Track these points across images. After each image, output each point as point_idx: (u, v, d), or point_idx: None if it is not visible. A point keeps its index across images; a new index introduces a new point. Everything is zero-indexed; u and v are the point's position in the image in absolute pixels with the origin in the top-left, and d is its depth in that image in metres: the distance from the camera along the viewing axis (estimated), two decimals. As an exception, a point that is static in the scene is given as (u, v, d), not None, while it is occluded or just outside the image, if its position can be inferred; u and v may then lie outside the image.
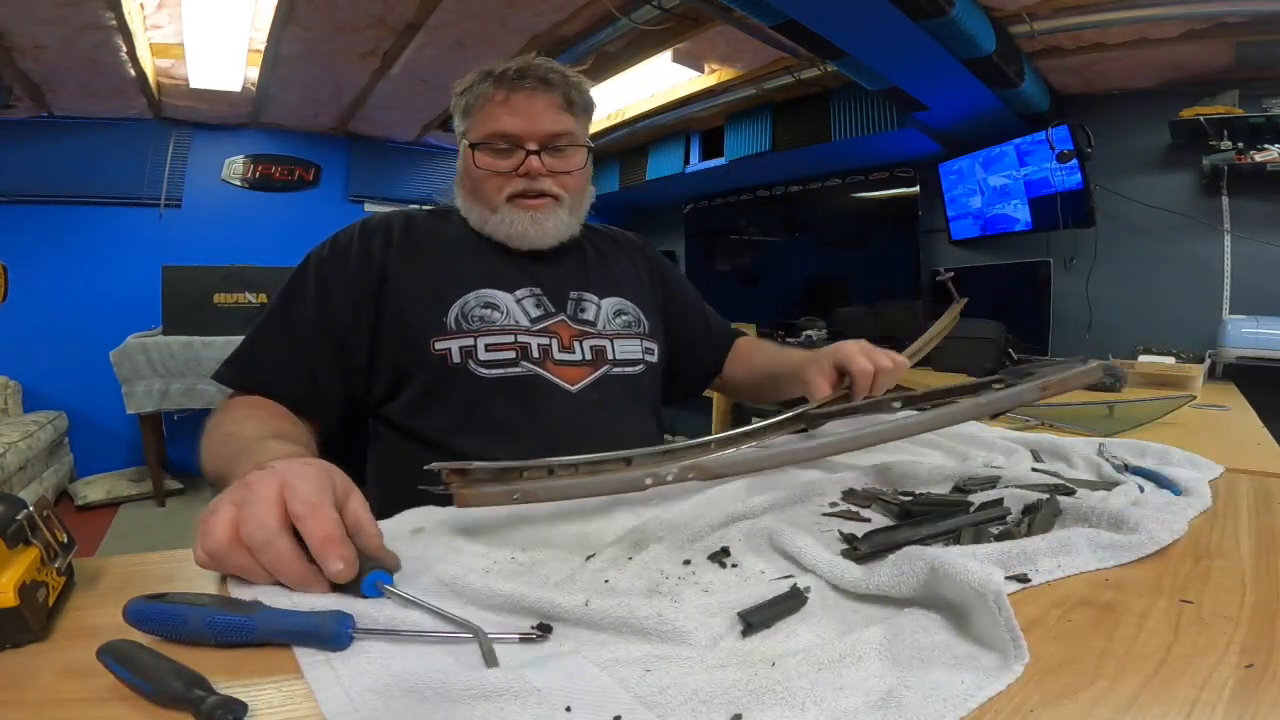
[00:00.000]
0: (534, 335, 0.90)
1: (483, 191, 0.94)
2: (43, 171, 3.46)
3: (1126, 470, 0.81)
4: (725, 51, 2.89)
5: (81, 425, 3.56)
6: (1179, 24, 2.22)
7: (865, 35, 2.14)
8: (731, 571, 0.53)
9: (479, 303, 0.90)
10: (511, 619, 0.45)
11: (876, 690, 0.37)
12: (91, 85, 3.05)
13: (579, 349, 0.92)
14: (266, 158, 4.03)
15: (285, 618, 0.42)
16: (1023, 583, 0.50)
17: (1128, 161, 2.69)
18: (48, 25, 2.42)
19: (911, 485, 0.74)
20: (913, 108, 2.72)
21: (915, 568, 0.46)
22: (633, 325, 1.00)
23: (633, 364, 0.97)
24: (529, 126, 0.91)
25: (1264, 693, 0.38)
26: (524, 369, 0.88)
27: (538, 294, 0.94)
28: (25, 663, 0.40)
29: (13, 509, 0.44)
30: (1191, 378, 2.02)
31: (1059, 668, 0.40)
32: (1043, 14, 2.24)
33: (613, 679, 0.37)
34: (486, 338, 0.88)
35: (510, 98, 0.91)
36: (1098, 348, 2.52)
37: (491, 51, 2.80)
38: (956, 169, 3.05)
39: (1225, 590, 0.50)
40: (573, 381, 0.90)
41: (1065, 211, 2.65)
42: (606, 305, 0.99)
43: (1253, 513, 0.69)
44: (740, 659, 0.40)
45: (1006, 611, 0.39)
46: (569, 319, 0.94)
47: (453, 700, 0.35)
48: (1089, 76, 2.67)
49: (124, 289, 3.63)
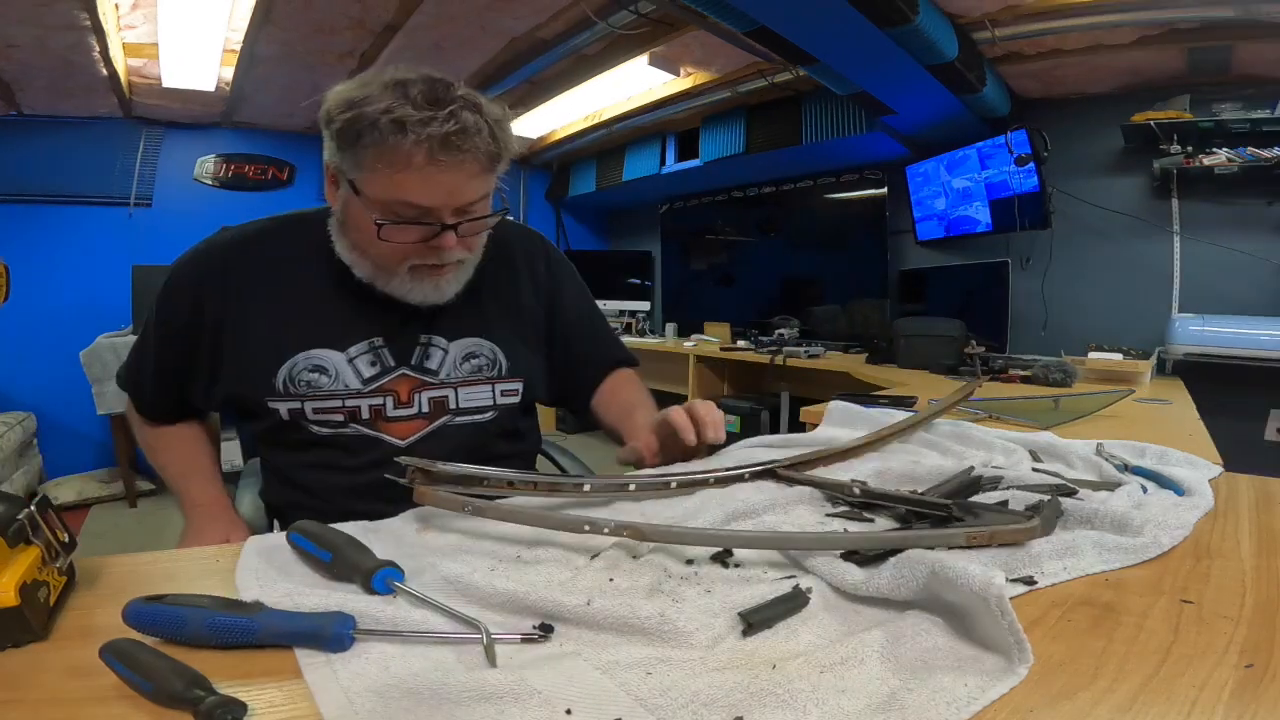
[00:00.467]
0: (365, 397, 0.88)
1: (379, 256, 0.84)
2: (10, 170, 3.40)
3: (1127, 470, 0.81)
4: (700, 55, 2.96)
5: (51, 426, 3.49)
6: (1132, 30, 2.30)
7: (833, 42, 2.21)
8: (734, 571, 0.53)
9: (307, 365, 0.87)
10: (514, 618, 0.45)
11: (879, 693, 0.37)
12: (62, 84, 3.01)
13: (417, 401, 0.90)
14: (240, 157, 4.00)
15: (286, 619, 0.42)
16: (1029, 585, 0.50)
17: (1083, 164, 2.79)
18: (20, 25, 2.39)
19: (912, 486, 0.73)
20: (880, 112, 2.80)
21: (916, 571, 0.46)
22: (484, 369, 0.95)
23: (480, 411, 0.94)
24: (448, 200, 0.79)
25: (1264, 692, 0.38)
26: (353, 430, 0.88)
27: (377, 346, 0.89)
28: (27, 662, 0.41)
29: (14, 508, 0.43)
30: (1139, 373, 2.10)
31: (1059, 668, 0.40)
32: (1004, 20, 2.32)
33: (614, 682, 0.37)
34: (314, 402, 0.87)
35: (429, 166, 0.75)
36: (1051, 345, 2.62)
37: (470, 55, 2.83)
38: (922, 171, 3.14)
39: (1225, 590, 0.50)
40: (403, 436, 0.90)
41: (1023, 213, 2.75)
42: (455, 350, 0.94)
43: (1253, 513, 0.70)
44: (741, 661, 0.40)
45: (1010, 614, 0.39)
46: (412, 369, 0.91)
47: (453, 701, 0.35)
48: (1048, 81, 2.76)
49: (93, 289, 3.58)
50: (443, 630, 0.43)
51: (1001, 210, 2.84)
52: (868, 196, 3.52)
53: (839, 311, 3.68)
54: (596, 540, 0.57)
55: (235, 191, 4.01)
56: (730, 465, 0.78)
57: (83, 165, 3.56)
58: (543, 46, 2.75)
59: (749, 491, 0.72)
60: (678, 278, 4.64)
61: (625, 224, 5.13)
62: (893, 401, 1.42)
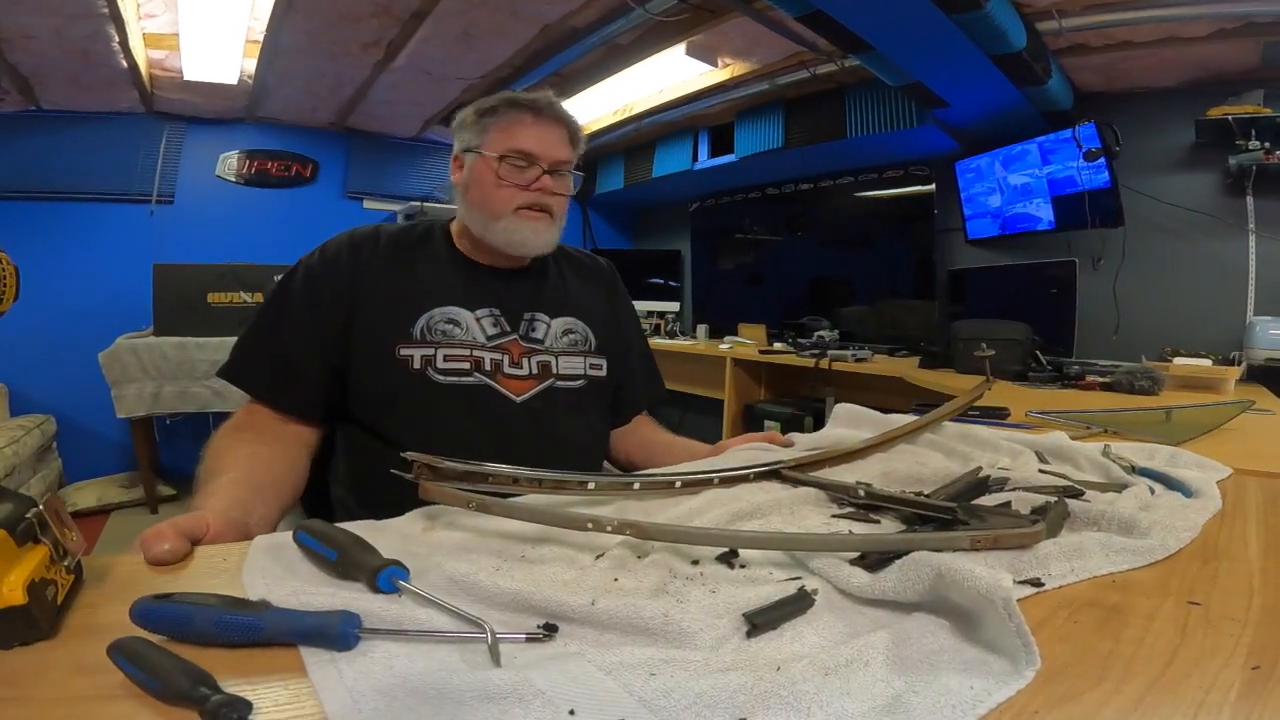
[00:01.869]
0: (488, 351, 1.02)
1: (493, 200, 1.04)
2: (31, 167, 3.34)
3: (1134, 471, 0.81)
4: (741, 45, 2.82)
5: (70, 429, 3.43)
6: (1209, 23, 2.19)
7: (894, 27, 2.07)
8: (739, 572, 0.53)
9: (443, 318, 1.01)
10: (518, 618, 0.45)
11: (883, 695, 0.36)
12: (82, 78, 2.94)
13: (526, 364, 1.04)
14: (263, 153, 3.92)
15: (292, 618, 0.42)
16: (1036, 587, 0.50)
17: (1150, 160, 2.64)
18: (37, 14, 2.31)
19: (918, 487, 0.74)
20: (933, 104, 2.66)
21: (922, 573, 0.46)
22: (579, 343, 1.12)
23: (575, 379, 1.08)
24: (547, 150, 1.05)
25: (1270, 695, 0.37)
26: (476, 379, 1.00)
27: (496, 314, 1.05)
28: (34, 660, 0.41)
29: (22, 507, 0.43)
30: (1226, 380, 1.99)
31: (1065, 669, 0.39)
32: (1073, 11, 2.19)
33: (617, 683, 0.37)
34: (446, 349, 0.99)
35: (536, 122, 1.04)
36: (1125, 349, 2.47)
37: (500, 43, 2.72)
38: (974, 167, 2.99)
39: (1233, 592, 0.50)
40: (518, 393, 1.02)
41: (1093, 210, 2.58)
42: (556, 325, 1.10)
43: (1261, 515, 0.70)
44: (746, 662, 0.40)
45: (1018, 617, 0.39)
46: (521, 338, 1.06)
47: (457, 701, 0.35)
48: (1112, 75, 2.62)
49: (114, 288, 3.51)
50: (447, 629, 0.43)
51: (1066, 207, 2.68)
52: (913, 193, 3.35)
53: (867, 312, 3.53)
54: (602, 540, 0.57)
55: (258, 189, 3.94)
56: (735, 465, 0.80)
57: (104, 162, 3.51)
58: (575, 35, 2.64)
59: (754, 492, 0.73)
60: (707, 278, 4.51)
61: (654, 222, 5.01)
62: (983, 413, 1.29)
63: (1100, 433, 1.17)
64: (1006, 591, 0.39)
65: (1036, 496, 0.66)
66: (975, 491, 0.70)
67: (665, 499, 0.71)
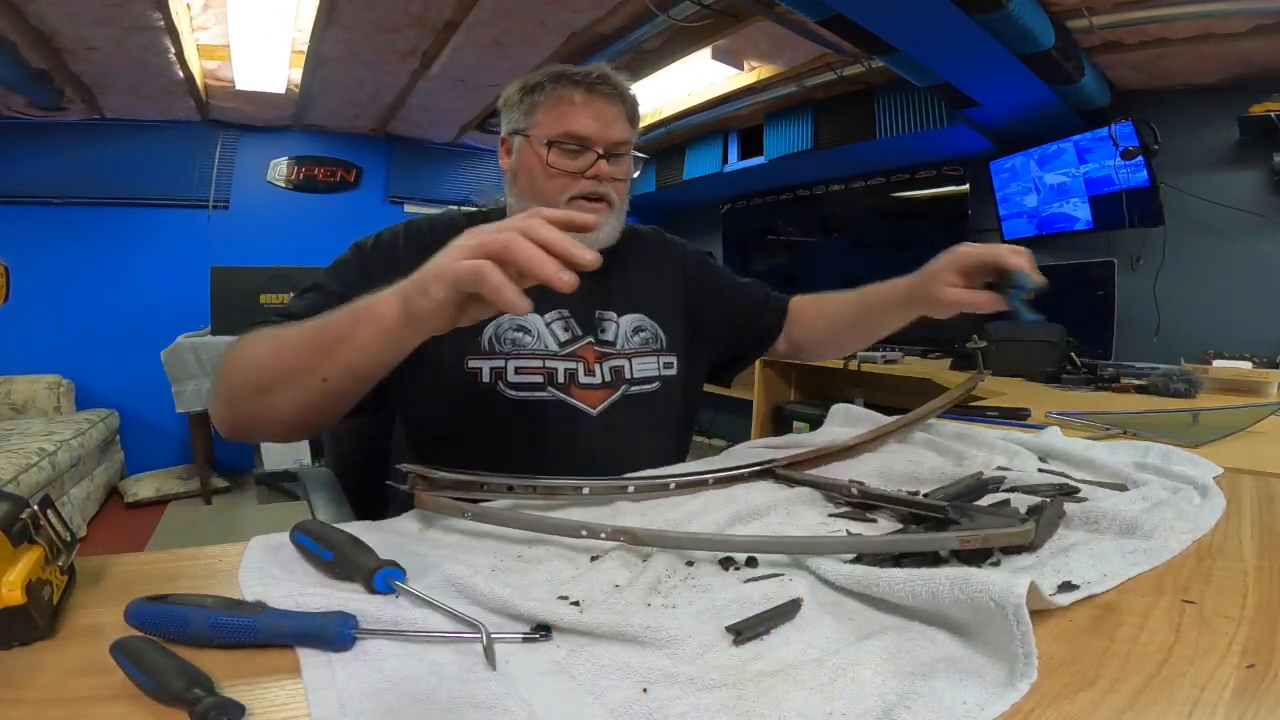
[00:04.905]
0: (561, 360, 0.92)
1: (544, 189, 0.93)
2: (95, 173, 3.55)
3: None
4: (766, 48, 2.82)
5: (132, 423, 3.64)
6: (1247, 19, 2.10)
7: (915, 29, 2.06)
8: (733, 574, 0.53)
9: (511, 325, 0.91)
10: (513, 621, 0.45)
11: (873, 710, 0.36)
12: (141, 87, 3.11)
13: (600, 371, 0.94)
14: (310, 159, 4.08)
15: (288, 619, 0.42)
16: (1069, 591, 0.48)
17: (1191, 158, 2.55)
18: (97, 26, 2.46)
19: (914, 486, 0.73)
20: (963, 104, 2.62)
21: (929, 576, 0.45)
22: (650, 342, 1.01)
23: (649, 381, 0.99)
24: (602, 132, 0.92)
25: (1265, 693, 0.37)
26: (549, 394, 0.90)
27: (565, 316, 0.95)
28: (31, 660, 0.41)
29: (15, 507, 0.44)
30: (1268, 383, 1.90)
31: (1060, 668, 0.39)
32: (1102, 8, 2.13)
33: (602, 707, 0.36)
34: (516, 361, 0.90)
35: (588, 100, 0.92)
36: (1165, 352, 2.40)
37: (530, 51, 2.79)
38: (1009, 166, 2.93)
39: (1227, 590, 0.50)
40: (594, 405, 0.93)
41: (1131, 209, 2.51)
42: (625, 323, 1.00)
43: (1255, 513, 0.69)
44: (732, 677, 0.39)
45: (1025, 624, 0.38)
46: (594, 341, 0.96)
47: (444, 707, 0.35)
48: (1151, 72, 2.53)
49: (174, 289, 3.71)
50: (443, 630, 0.43)
51: (1104, 207, 2.61)
52: (947, 193, 3.29)
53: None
54: (597, 540, 0.57)
55: (306, 193, 4.10)
56: (729, 465, 0.79)
57: (163, 168, 3.70)
58: (602, 41, 2.68)
59: (750, 492, 0.72)
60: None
61: (685, 224, 5.01)
62: (1002, 414, 1.28)
63: (1119, 434, 1.15)
64: (1018, 599, 0.39)
65: (1032, 496, 0.65)
66: (976, 493, 0.70)
67: (663, 500, 0.71)
